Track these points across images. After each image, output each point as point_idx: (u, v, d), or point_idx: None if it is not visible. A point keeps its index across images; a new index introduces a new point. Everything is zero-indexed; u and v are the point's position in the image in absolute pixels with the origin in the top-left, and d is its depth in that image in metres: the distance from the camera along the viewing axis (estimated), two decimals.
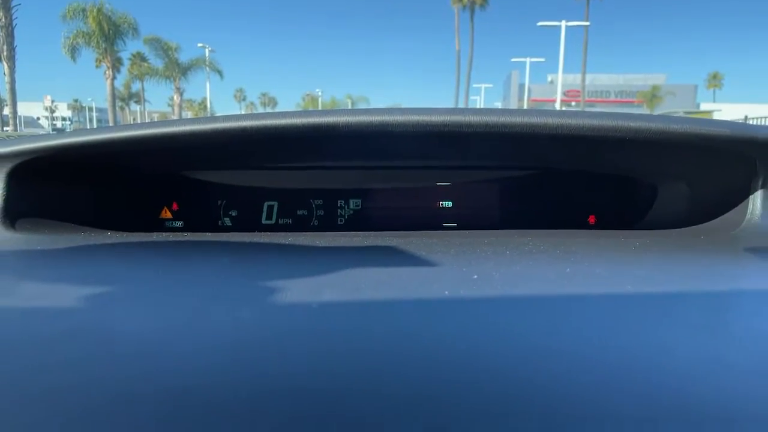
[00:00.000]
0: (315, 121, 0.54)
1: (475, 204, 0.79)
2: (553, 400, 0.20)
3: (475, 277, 0.36)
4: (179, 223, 0.81)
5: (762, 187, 0.56)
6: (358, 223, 0.82)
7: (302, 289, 0.33)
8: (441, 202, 0.80)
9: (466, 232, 0.71)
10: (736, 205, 0.57)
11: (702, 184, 0.63)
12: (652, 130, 0.49)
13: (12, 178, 0.56)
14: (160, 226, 0.80)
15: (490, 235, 0.62)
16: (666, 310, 0.30)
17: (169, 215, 0.82)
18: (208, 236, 0.56)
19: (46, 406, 0.20)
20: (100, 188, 0.69)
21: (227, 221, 0.82)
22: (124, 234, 0.58)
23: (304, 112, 0.56)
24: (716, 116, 27.57)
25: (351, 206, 0.84)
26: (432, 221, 0.80)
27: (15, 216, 0.57)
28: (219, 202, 0.84)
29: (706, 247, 0.50)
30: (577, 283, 0.35)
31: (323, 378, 0.22)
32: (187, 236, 0.58)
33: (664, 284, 0.36)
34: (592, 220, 0.80)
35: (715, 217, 0.59)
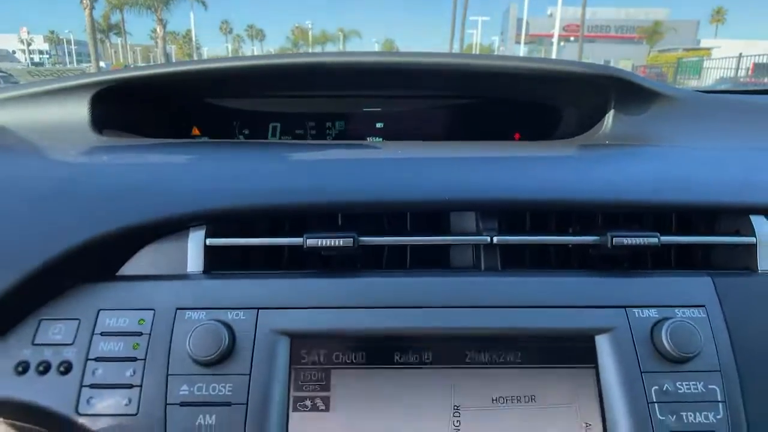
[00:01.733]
0: (306, 61, 0.78)
1: (417, 121, 1.04)
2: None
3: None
4: (205, 138, 1.06)
5: (613, 108, 0.82)
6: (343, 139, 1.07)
7: (306, 156, 0.60)
8: (396, 124, 1.05)
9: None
10: (600, 119, 0.83)
11: (583, 107, 0.88)
12: (525, 67, 0.74)
13: (95, 100, 0.80)
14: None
15: (437, 144, 0.88)
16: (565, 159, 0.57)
17: (198, 132, 1.07)
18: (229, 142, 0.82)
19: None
20: (156, 111, 0.94)
21: (241, 138, 1.07)
22: (172, 140, 0.84)
23: (299, 54, 0.81)
24: (715, 53, 27.16)
25: (337, 127, 1.09)
26: (393, 135, 1.05)
27: (101, 126, 0.81)
28: (234, 123, 1.08)
29: (584, 143, 0.78)
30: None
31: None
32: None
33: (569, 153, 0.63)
34: (516, 136, 1.06)
35: (591, 128, 0.85)
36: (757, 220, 0.59)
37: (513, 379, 0.50)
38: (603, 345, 0.51)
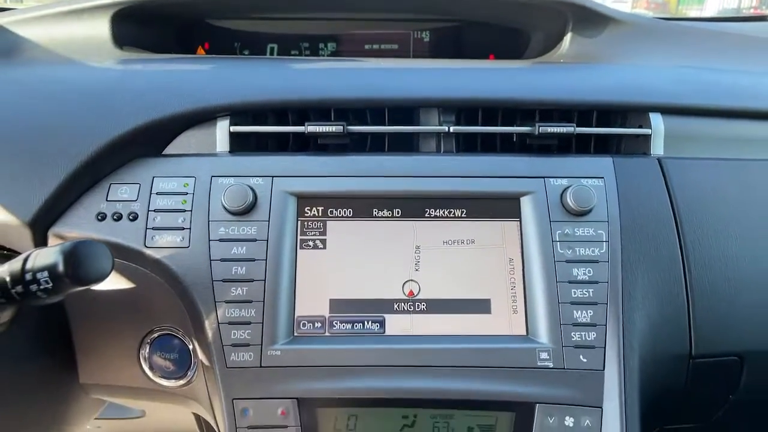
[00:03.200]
0: None
1: (402, 44, 1.19)
2: None
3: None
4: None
5: (571, 31, 0.97)
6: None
7: (305, 66, 0.76)
8: (383, 45, 1.20)
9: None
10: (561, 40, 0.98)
11: (547, 30, 1.03)
12: None
13: (115, 18, 0.94)
14: None
15: (414, 60, 1.03)
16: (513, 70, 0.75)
17: (203, 52, 1.21)
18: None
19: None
20: (167, 31, 1.07)
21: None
22: (190, 55, 0.99)
23: None
24: None
25: (329, 48, 1.23)
26: (379, 56, 1.20)
27: (121, 43, 0.96)
28: (235, 44, 1.22)
29: (538, 61, 0.94)
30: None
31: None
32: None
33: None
34: (491, 57, 1.21)
35: (553, 49, 1.01)
36: (654, 117, 0.77)
37: (459, 228, 0.69)
38: (525, 204, 0.70)
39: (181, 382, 0.70)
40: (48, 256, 0.49)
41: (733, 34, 1.04)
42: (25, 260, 0.51)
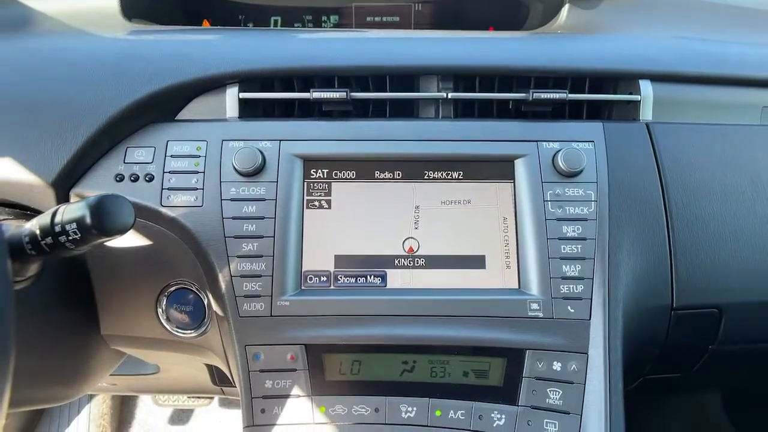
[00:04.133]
0: None
1: (403, 17, 1.22)
2: None
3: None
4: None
5: (569, 2, 1.00)
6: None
7: (310, 36, 0.79)
8: (385, 17, 1.22)
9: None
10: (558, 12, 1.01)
11: (546, 2, 1.06)
12: None
13: None
14: None
15: (415, 31, 1.06)
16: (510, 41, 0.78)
17: (207, 24, 1.24)
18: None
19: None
20: (173, 1, 1.10)
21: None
22: (198, 26, 1.02)
23: None
24: None
25: (331, 20, 1.26)
26: (379, 26, 1.22)
27: (130, 15, 0.99)
28: (240, 17, 1.25)
29: (536, 32, 0.97)
30: None
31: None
32: None
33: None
34: (490, 29, 1.24)
35: (551, 20, 1.03)
36: (644, 84, 0.80)
37: (456, 189, 0.74)
38: (519, 166, 0.74)
39: (197, 332, 0.75)
40: (76, 209, 0.53)
41: (730, 5, 1.07)
42: (54, 214, 0.55)
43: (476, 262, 0.72)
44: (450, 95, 0.78)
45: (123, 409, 1.88)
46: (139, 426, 1.86)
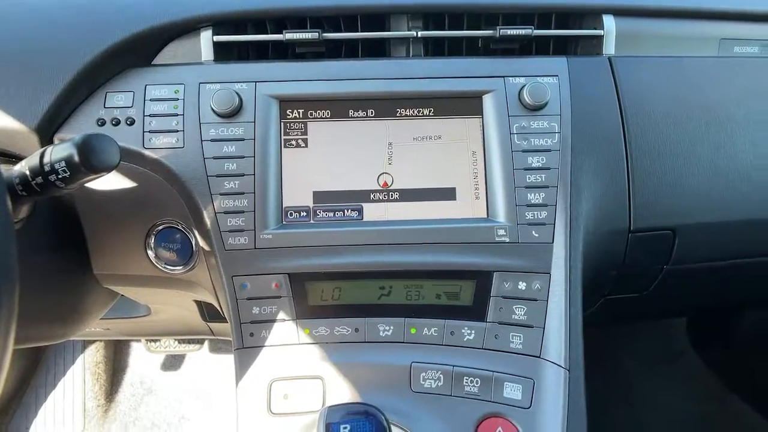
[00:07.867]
0: None
1: None
2: None
3: None
4: None
5: None
6: None
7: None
8: None
9: None
10: None
11: None
12: None
13: None
14: None
15: None
16: None
17: None
18: None
19: None
20: None
21: None
22: None
23: None
24: None
25: None
26: None
27: None
28: None
29: None
30: None
31: None
32: None
33: None
34: None
35: None
36: (607, 19, 0.83)
37: (427, 125, 0.77)
38: (487, 101, 0.77)
39: (185, 268, 0.79)
40: (64, 148, 0.56)
41: None
42: (42, 154, 0.58)
43: (447, 194, 0.76)
44: (420, 34, 0.81)
45: (116, 357, 1.94)
46: (133, 373, 1.93)
